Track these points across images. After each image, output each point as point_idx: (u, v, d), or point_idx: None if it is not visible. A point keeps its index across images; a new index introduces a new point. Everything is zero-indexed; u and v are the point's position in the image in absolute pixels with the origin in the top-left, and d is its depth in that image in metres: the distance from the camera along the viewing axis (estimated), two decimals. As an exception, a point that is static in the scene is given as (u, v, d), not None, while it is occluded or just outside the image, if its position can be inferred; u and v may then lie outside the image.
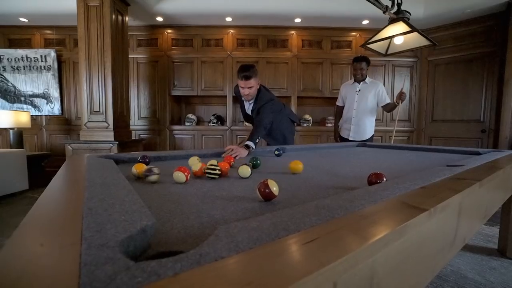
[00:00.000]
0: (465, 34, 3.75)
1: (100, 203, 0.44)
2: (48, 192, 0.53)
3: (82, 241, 0.29)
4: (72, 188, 0.57)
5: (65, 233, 0.33)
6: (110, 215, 0.38)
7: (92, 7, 2.96)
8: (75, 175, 0.70)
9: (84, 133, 3.07)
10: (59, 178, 0.68)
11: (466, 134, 3.78)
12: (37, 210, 0.42)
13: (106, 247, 0.28)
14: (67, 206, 0.45)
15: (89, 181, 0.60)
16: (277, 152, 1.51)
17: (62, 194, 0.56)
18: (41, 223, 0.37)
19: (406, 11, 1.76)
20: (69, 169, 0.82)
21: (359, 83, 2.75)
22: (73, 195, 0.51)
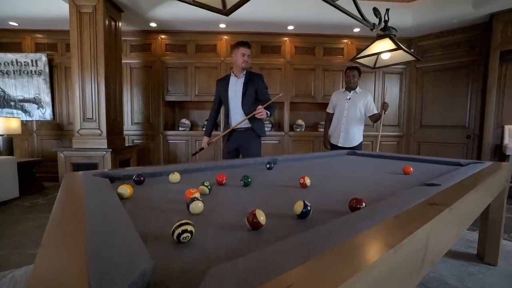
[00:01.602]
0: (451, 43, 3.88)
1: (101, 242, 0.48)
2: (48, 236, 0.55)
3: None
4: (73, 223, 0.61)
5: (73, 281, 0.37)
6: (112, 259, 0.42)
7: (85, 14, 2.96)
8: (73, 204, 0.74)
9: (76, 140, 3.07)
10: (58, 211, 0.71)
11: (453, 140, 3.92)
12: (42, 265, 0.44)
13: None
14: (70, 252, 0.49)
15: (88, 214, 0.63)
16: (269, 166, 1.57)
17: (64, 232, 0.59)
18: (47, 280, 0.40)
19: (393, 28, 1.83)
20: (66, 196, 0.85)
21: (350, 92, 2.84)
22: (75, 233, 0.55)
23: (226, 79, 2.47)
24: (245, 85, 2.39)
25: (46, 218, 2.54)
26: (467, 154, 3.79)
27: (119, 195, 0.93)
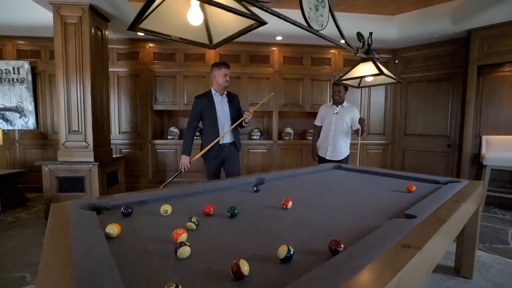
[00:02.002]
0: (433, 55, 4.04)
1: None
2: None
3: None
4: (60, 280, 0.62)
5: None
6: None
7: (70, 24, 2.90)
8: (60, 254, 0.75)
9: (62, 153, 3.00)
10: (45, 261, 0.72)
11: (435, 148, 4.07)
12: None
13: None
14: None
15: (76, 268, 0.65)
16: (255, 189, 1.60)
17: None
18: None
19: (375, 51, 1.90)
20: (53, 242, 0.85)
21: (337, 106, 2.93)
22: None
23: (208, 97, 2.49)
24: (229, 103, 2.55)
25: (30, 236, 2.50)
26: (448, 163, 3.96)
27: (107, 235, 0.94)
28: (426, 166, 4.15)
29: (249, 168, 4.27)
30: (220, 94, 2.52)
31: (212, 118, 2.46)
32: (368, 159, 4.47)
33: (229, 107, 2.54)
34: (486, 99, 3.60)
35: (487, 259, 2.07)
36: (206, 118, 2.47)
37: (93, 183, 2.96)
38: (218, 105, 2.49)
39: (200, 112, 2.47)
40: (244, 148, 4.20)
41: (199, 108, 2.46)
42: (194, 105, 2.47)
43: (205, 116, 2.47)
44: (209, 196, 1.52)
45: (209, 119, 2.47)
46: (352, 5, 3.60)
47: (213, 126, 2.48)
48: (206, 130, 2.51)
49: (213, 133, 2.48)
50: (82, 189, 2.96)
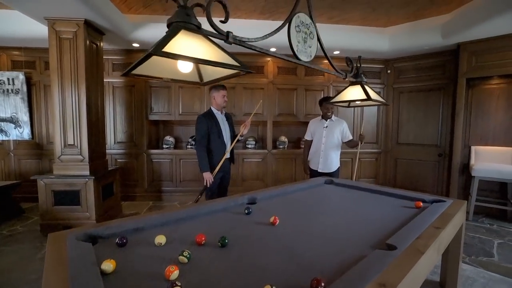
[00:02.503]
0: (424, 66, 4.12)
1: None
2: None
3: None
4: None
5: None
6: None
7: (65, 39, 2.92)
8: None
9: (57, 166, 3.02)
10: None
11: (426, 157, 4.16)
12: None
13: None
14: None
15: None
16: (247, 211, 1.65)
17: None
18: None
19: (364, 75, 1.97)
20: (51, 282, 0.89)
21: (326, 120, 3.01)
22: None
23: (212, 116, 2.73)
24: (227, 120, 2.85)
25: (26, 251, 2.52)
26: (439, 172, 4.04)
27: (102, 271, 0.98)
28: (417, 175, 4.24)
29: (244, 178, 4.32)
30: (221, 113, 2.79)
31: (219, 135, 2.70)
32: (361, 167, 4.55)
33: (228, 125, 2.83)
34: (475, 111, 3.69)
35: (472, 273, 2.15)
36: (213, 135, 2.68)
37: (89, 196, 2.99)
38: (221, 123, 2.74)
39: (207, 130, 2.64)
40: (239, 158, 4.25)
41: (206, 126, 2.64)
42: (201, 124, 2.64)
43: (212, 134, 2.67)
44: (202, 221, 1.56)
45: (216, 136, 2.68)
46: (344, 18, 3.67)
47: (220, 142, 2.72)
48: (215, 147, 2.70)
49: (221, 148, 2.72)
50: (77, 203, 2.99)
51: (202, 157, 2.63)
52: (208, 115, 2.71)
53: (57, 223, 2.98)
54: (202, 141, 2.64)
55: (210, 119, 2.68)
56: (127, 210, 3.80)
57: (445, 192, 3.96)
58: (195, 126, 2.71)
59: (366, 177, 4.57)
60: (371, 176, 4.58)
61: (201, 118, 2.67)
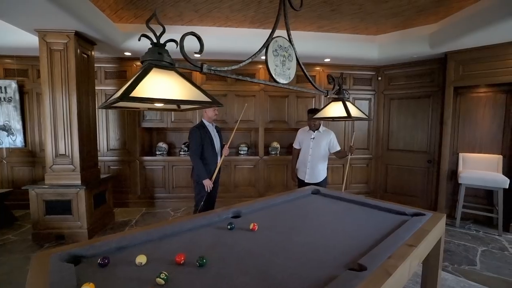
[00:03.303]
0: (414, 74, 4.18)
1: None
2: None
3: None
4: None
5: None
6: None
7: (55, 51, 2.95)
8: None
9: (49, 176, 3.05)
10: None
11: (415, 164, 4.22)
12: None
13: None
14: None
15: None
16: (230, 227, 1.69)
17: None
18: None
19: (346, 91, 2.01)
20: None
21: (314, 131, 3.05)
22: None
23: (204, 127, 2.86)
24: (218, 132, 3.01)
25: (18, 262, 2.56)
26: (428, 178, 4.10)
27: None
28: (407, 181, 4.30)
29: (236, 184, 4.36)
30: (211, 125, 2.93)
31: (212, 146, 2.86)
32: (352, 173, 4.60)
33: (218, 136, 2.98)
34: (463, 118, 3.75)
35: (453, 283, 2.20)
36: (207, 146, 2.82)
37: (80, 205, 3.02)
38: (213, 134, 2.89)
39: (201, 141, 2.78)
40: (231, 164, 4.30)
41: (200, 137, 2.78)
42: (196, 135, 2.79)
43: (205, 144, 2.81)
44: (185, 238, 1.60)
45: (209, 146, 2.84)
46: (334, 27, 3.72)
47: (213, 152, 2.87)
48: (208, 156, 2.84)
49: (214, 158, 2.88)
50: (69, 212, 3.02)
51: (199, 165, 2.77)
52: (201, 127, 2.85)
53: (49, 232, 3.02)
54: (196, 151, 2.78)
55: (203, 131, 2.83)
56: (120, 217, 3.83)
57: (434, 198, 4.03)
58: (188, 137, 2.84)
59: (357, 183, 4.62)
60: (362, 181, 4.64)
61: (195, 129, 2.82)
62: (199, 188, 2.85)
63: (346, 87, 4.47)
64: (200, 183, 2.82)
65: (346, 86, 4.48)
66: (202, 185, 2.82)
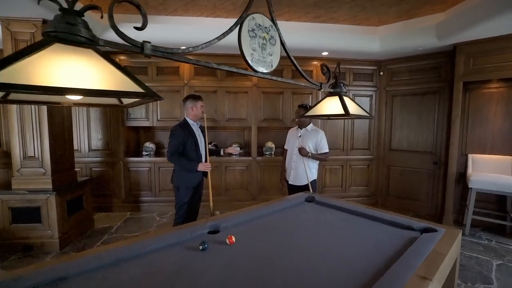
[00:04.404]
0: (418, 68, 3.87)
1: None
2: None
3: None
4: None
5: None
6: None
7: (21, 41, 2.66)
8: None
9: (17, 180, 2.77)
10: None
11: (420, 165, 3.91)
12: None
13: None
14: None
15: None
16: (202, 247, 1.40)
17: None
18: None
19: (344, 84, 1.71)
20: None
21: (301, 130, 2.78)
22: None
23: (187, 127, 2.54)
24: (202, 132, 2.65)
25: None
26: (434, 181, 3.80)
27: None
28: (411, 183, 4.00)
29: (227, 187, 4.07)
30: (196, 124, 2.64)
31: (195, 146, 2.55)
32: (352, 174, 4.30)
33: (202, 136, 2.64)
34: (473, 116, 3.44)
35: (467, 306, 1.91)
36: (188, 147, 2.51)
37: (51, 213, 2.74)
38: (197, 135, 2.59)
39: (182, 142, 2.48)
40: (221, 165, 4.01)
41: (181, 138, 2.47)
42: (177, 135, 2.47)
43: (187, 145, 2.50)
44: (145, 262, 1.31)
45: (191, 147, 2.52)
46: (332, 17, 3.41)
47: (196, 153, 2.55)
48: (190, 158, 2.53)
49: (198, 160, 2.55)
50: (38, 220, 2.74)
51: (183, 161, 2.47)
52: (184, 126, 2.54)
53: (17, 242, 2.74)
54: (176, 150, 2.47)
55: (186, 131, 2.52)
56: (101, 223, 3.55)
57: (440, 203, 3.73)
58: (169, 136, 2.49)
59: (357, 185, 4.32)
60: (362, 184, 4.34)
61: (178, 129, 2.50)
62: (181, 196, 2.54)
63: (346, 82, 4.17)
64: (182, 188, 2.53)
65: (345, 81, 4.17)
66: (184, 191, 2.53)
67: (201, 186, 2.67)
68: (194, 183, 2.56)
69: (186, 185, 2.53)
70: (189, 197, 2.54)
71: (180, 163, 2.48)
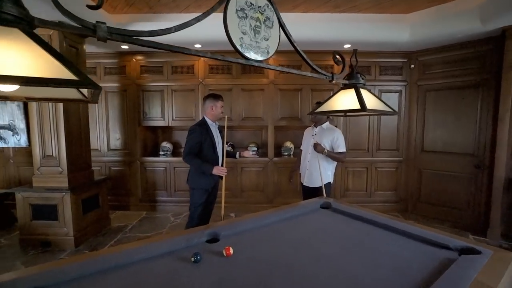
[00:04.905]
0: (456, 59, 3.40)
1: None
2: None
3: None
4: None
5: None
6: None
7: (41, 44, 2.73)
8: None
9: (37, 178, 2.87)
10: None
11: (459, 169, 3.44)
12: None
13: None
14: None
15: None
16: (194, 259, 1.25)
17: None
18: None
19: (362, 75, 1.46)
20: None
21: (316, 127, 2.57)
22: None
23: (205, 127, 2.43)
24: (220, 132, 2.55)
25: (7, 269, 2.34)
26: (476, 188, 3.31)
27: None
28: (447, 189, 3.53)
29: (243, 188, 3.93)
30: (215, 124, 2.51)
31: (213, 147, 2.44)
32: (378, 177, 3.93)
33: (221, 136, 2.54)
34: (525, 112, 2.93)
35: None
36: (206, 147, 2.40)
37: (66, 210, 2.79)
38: (215, 135, 2.47)
39: (200, 141, 2.37)
40: (237, 166, 3.87)
41: (199, 138, 2.36)
42: (195, 135, 2.36)
43: (205, 145, 2.40)
44: (128, 273, 1.20)
45: (208, 148, 2.41)
46: (355, 5, 3.10)
47: (214, 155, 2.44)
48: (208, 160, 2.41)
49: (215, 161, 2.44)
50: (55, 218, 2.81)
51: (199, 162, 2.33)
52: (203, 126, 2.42)
53: (36, 238, 2.83)
54: (193, 150, 2.35)
55: (205, 130, 2.40)
56: (117, 222, 3.59)
57: (483, 212, 3.24)
58: (187, 136, 2.39)
59: (383, 190, 3.94)
60: (389, 188, 3.95)
61: (196, 128, 2.38)
62: (196, 197, 2.44)
63: (371, 77, 3.81)
64: (197, 190, 2.43)
65: (371, 76, 3.82)
66: (199, 192, 2.43)
67: (216, 188, 2.57)
68: (210, 185, 2.45)
69: (202, 186, 2.43)
70: (204, 198, 2.44)
71: (194, 165, 2.37)
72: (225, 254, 1.29)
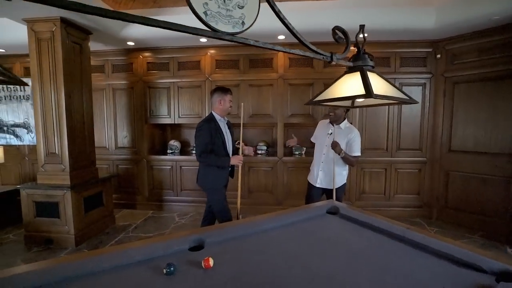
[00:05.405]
0: (492, 45, 2.99)
1: None
2: None
3: None
4: None
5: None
6: None
7: (43, 40, 2.73)
8: None
9: (41, 176, 2.87)
10: None
11: (493, 171, 3.02)
12: None
13: None
14: None
15: None
16: (167, 271, 1.08)
17: None
18: None
19: (369, 56, 1.22)
20: None
21: (333, 126, 2.30)
22: None
23: (215, 122, 2.32)
24: (229, 128, 2.46)
25: (5, 267, 2.34)
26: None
27: None
28: (479, 194, 3.12)
29: (251, 189, 3.74)
30: (224, 120, 2.41)
31: (223, 144, 2.33)
32: (398, 179, 3.57)
33: (230, 131, 2.47)
34: None
35: None
36: (217, 145, 2.30)
37: (67, 209, 2.76)
38: (224, 131, 2.37)
39: (210, 139, 2.26)
40: (245, 166, 3.69)
41: (209, 135, 2.25)
42: (205, 131, 2.24)
43: (216, 143, 2.29)
44: (89, 285, 1.05)
45: (218, 145, 2.31)
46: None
47: (224, 151, 2.34)
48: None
49: None
50: (57, 215, 2.79)
51: (215, 158, 2.26)
52: (212, 122, 2.30)
53: (40, 235, 2.83)
54: (206, 148, 2.23)
55: (214, 126, 2.28)
56: (122, 220, 3.55)
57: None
58: (196, 134, 2.27)
59: (404, 193, 3.58)
60: (411, 191, 3.58)
61: (205, 125, 2.26)
62: (217, 194, 2.34)
63: (391, 70, 3.48)
64: (212, 190, 2.34)
65: (390, 68, 3.48)
66: (217, 190, 2.35)
67: (226, 187, 2.46)
68: (222, 184, 2.37)
69: (215, 186, 2.33)
70: (224, 193, 2.39)
71: (211, 161, 2.27)
72: (203, 265, 1.10)
